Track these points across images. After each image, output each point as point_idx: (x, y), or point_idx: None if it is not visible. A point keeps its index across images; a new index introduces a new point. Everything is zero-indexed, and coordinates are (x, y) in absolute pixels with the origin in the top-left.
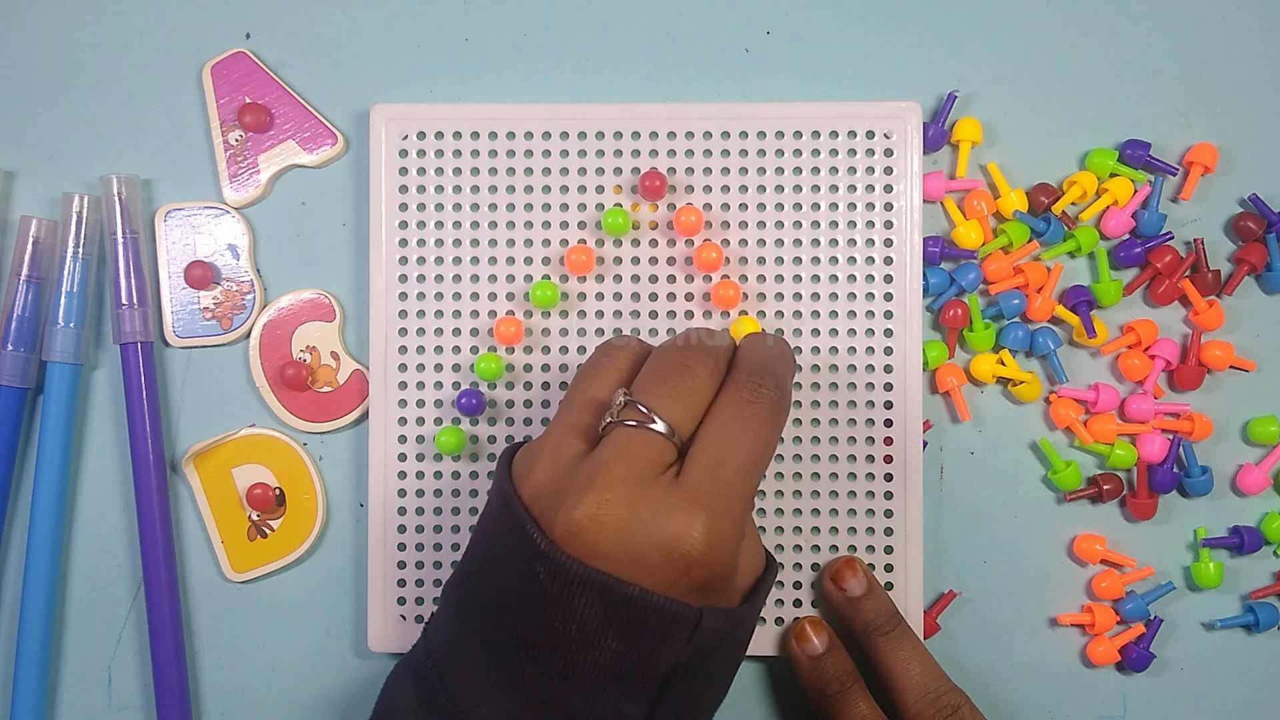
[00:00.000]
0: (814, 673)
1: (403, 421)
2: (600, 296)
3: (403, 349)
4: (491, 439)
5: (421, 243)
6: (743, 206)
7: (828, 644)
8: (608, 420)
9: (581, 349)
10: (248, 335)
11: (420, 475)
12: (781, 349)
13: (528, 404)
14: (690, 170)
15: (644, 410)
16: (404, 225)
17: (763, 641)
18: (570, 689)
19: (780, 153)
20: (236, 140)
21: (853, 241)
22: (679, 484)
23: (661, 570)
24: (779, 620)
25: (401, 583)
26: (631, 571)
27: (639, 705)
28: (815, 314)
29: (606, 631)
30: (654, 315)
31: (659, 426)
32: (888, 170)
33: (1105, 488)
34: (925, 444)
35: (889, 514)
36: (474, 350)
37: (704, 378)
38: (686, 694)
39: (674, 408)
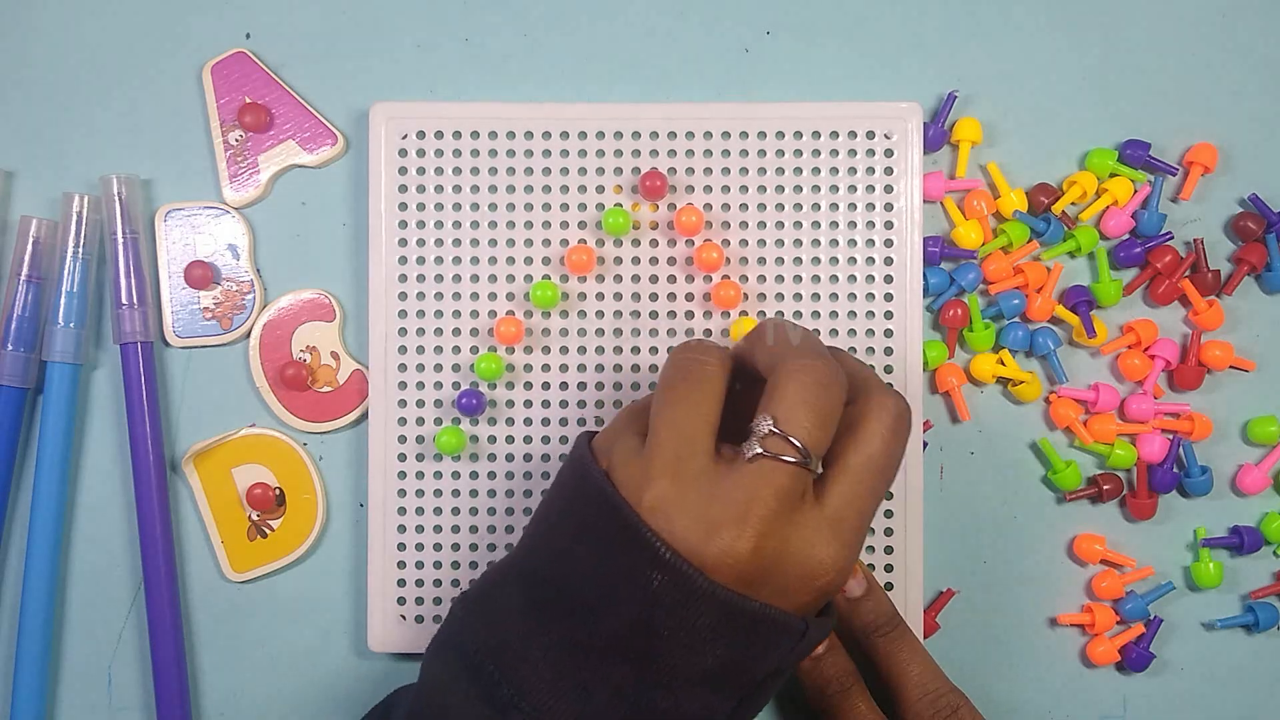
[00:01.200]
0: (814, 673)
1: (403, 422)
2: (600, 297)
3: (403, 349)
4: (491, 439)
5: (421, 243)
6: (743, 207)
7: (827, 644)
8: (755, 451)
9: (582, 349)
10: (248, 335)
11: (420, 475)
12: (817, 340)
13: (528, 404)
14: (691, 170)
15: (791, 441)
16: (404, 225)
17: None
18: (662, 690)
19: (781, 153)
20: (236, 140)
21: (853, 242)
22: (822, 512)
23: (799, 595)
24: None
25: (401, 583)
26: (770, 595)
27: (726, 704)
28: (815, 314)
29: (716, 641)
30: (654, 315)
31: (804, 458)
32: (888, 170)
33: (1105, 488)
34: (925, 444)
35: (889, 514)
36: (474, 350)
37: (838, 400)
38: (768, 693)
39: (816, 435)
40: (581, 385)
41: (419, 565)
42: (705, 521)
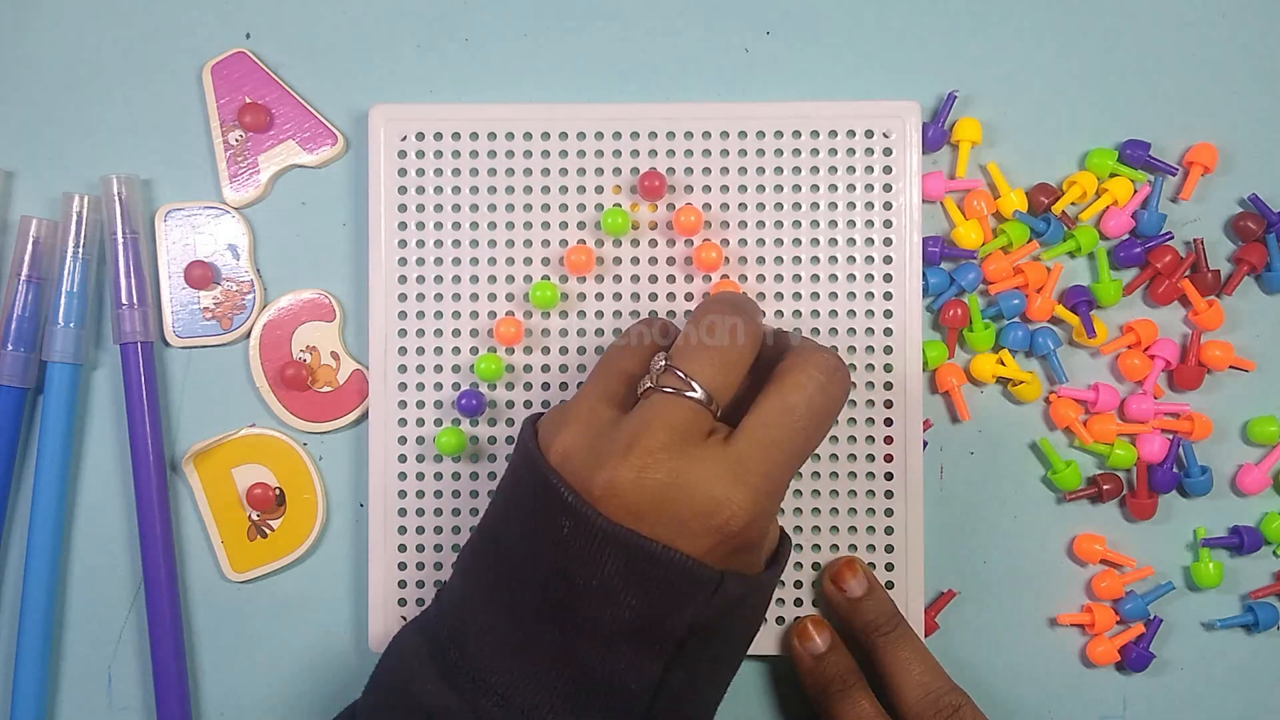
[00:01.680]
0: (816, 672)
1: (403, 422)
2: (600, 297)
3: (403, 349)
4: (491, 440)
5: (421, 243)
6: (742, 206)
7: (830, 643)
8: (646, 385)
9: (581, 349)
10: (248, 335)
11: (420, 475)
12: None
13: (528, 404)
14: (690, 170)
15: (683, 376)
16: (403, 225)
17: (765, 641)
18: (588, 646)
19: (780, 152)
20: (236, 140)
21: (852, 241)
22: (726, 453)
23: (698, 536)
24: (780, 620)
25: (402, 583)
26: (667, 534)
27: (654, 663)
28: (815, 314)
29: (628, 589)
30: (654, 315)
31: (698, 394)
32: (887, 170)
33: (1105, 488)
34: (925, 444)
35: (889, 514)
36: (474, 351)
37: (744, 346)
38: (701, 655)
39: (714, 375)
40: (581, 385)
41: (419, 565)
42: (595, 457)
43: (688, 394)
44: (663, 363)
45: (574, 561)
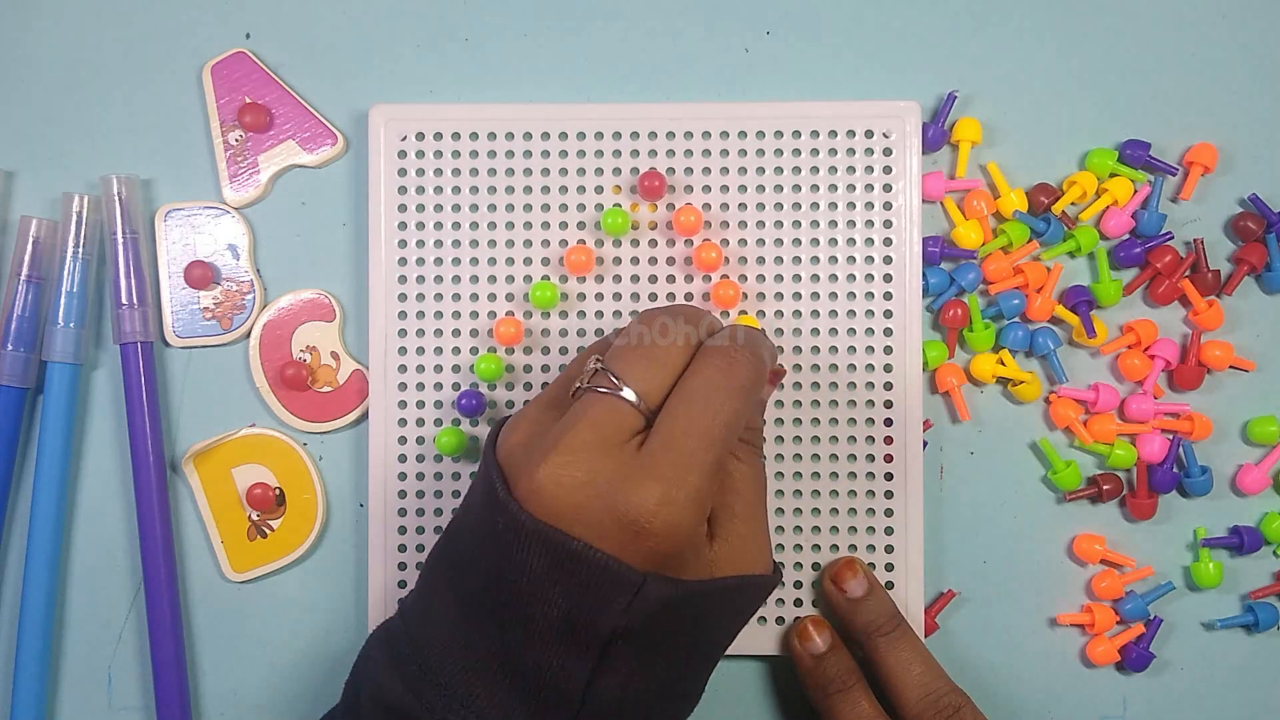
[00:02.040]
0: (816, 672)
1: (403, 422)
2: (600, 297)
3: (403, 349)
4: None
5: (421, 243)
6: (742, 206)
7: (830, 643)
8: (577, 386)
9: (581, 349)
10: (248, 335)
11: (420, 475)
12: (759, 336)
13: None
14: (690, 170)
15: (613, 377)
16: (403, 226)
17: (764, 641)
18: (524, 644)
19: (779, 152)
20: (236, 140)
21: (852, 241)
22: (641, 451)
23: (616, 535)
24: (780, 620)
25: (402, 583)
26: (586, 534)
27: (582, 665)
28: (815, 314)
29: (553, 587)
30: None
31: (626, 394)
32: (887, 170)
33: (1105, 488)
34: (925, 444)
35: (889, 514)
36: (474, 351)
37: (676, 348)
38: (632, 663)
39: (642, 375)
40: None
41: (419, 565)
42: (528, 455)
43: (617, 394)
44: (595, 365)
45: (506, 559)
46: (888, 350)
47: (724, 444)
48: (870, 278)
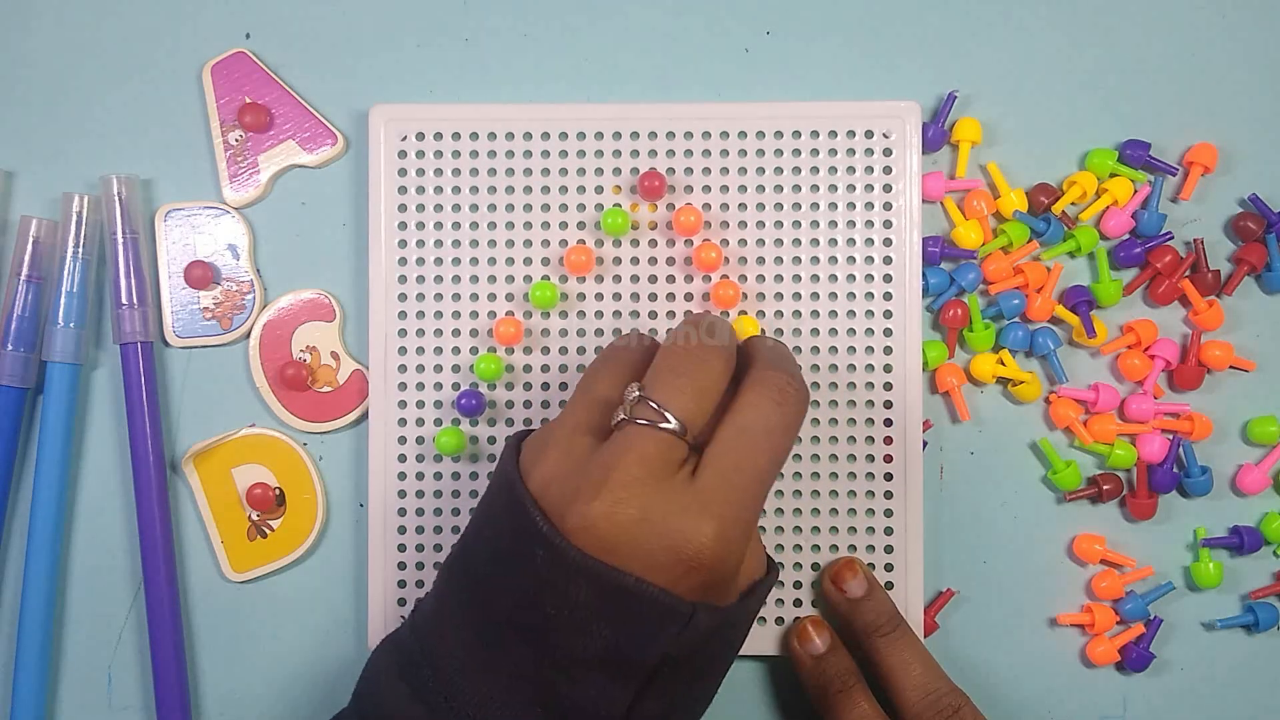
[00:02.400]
0: (816, 672)
1: (403, 422)
2: (600, 297)
3: (402, 349)
4: (491, 440)
5: (421, 243)
6: (742, 206)
7: (829, 643)
8: (620, 417)
9: (581, 349)
10: (248, 335)
11: (420, 475)
12: (787, 351)
13: (527, 405)
14: (690, 170)
15: (656, 408)
16: (403, 226)
17: (764, 641)
18: (558, 672)
19: (779, 153)
20: (236, 140)
21: (852, 241)
22: (693, 485)
23: (669, 569)
24: (779, 620)
25: (402, 583)
26: (640, 568)
27: (624, 694)
28: (815, 314)
29: (599, 620)
30: (654, 315)
31: (671, 424)
32: (887, 170)
33: (1105, 488)
34: (925, 444)
35: (889, 514)
36: (474, 351)
37: (717, 373)
38: (673, 685)
39: (687, 405)
40: (563, 408)
41: (419, 565)
42: (571, 489)
43: (661, 425)
44: (636, 393)
45: (546, 590)
46: (887, 350)
47: (772, 479)
48: (870, 278)
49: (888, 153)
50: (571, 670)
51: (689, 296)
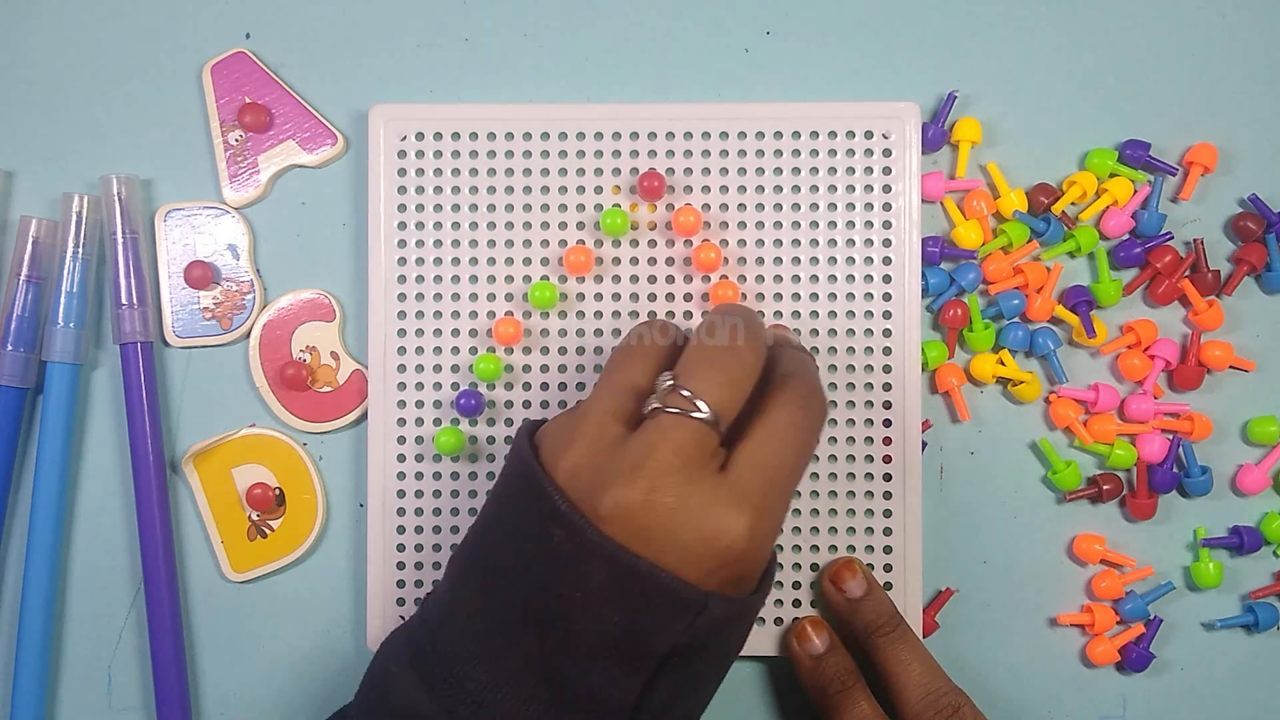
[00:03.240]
0: (815, 672)
1: (402, 422)
2: (599, 297)
3: (402, 349)
4: (491, 440)
5: (421, 243)
6: (741, 207)
7: (829, 643)
8: (653, 405)
9: (580, 349)
10: (248, 335)
11: (420, 475)
12: (811, 362)
13: (527, 405)
14: (689, 171)
15: (688, 397)
16: (403, 226)
17: (763, 641)
18: (567, 658)
19: (779, 153)
20: (236, 140)
21: (851, 242)
22: (727, 478)
23: (702, 561)
24: (779, 620)
25: (401, 583)
26: (674, 559)
27: (634, 681)
28: (814, 314)
29: (612, 603)
30: (653, 316)
31: (705, 414)
32: (886, 170)
33: (1105, 488)
34: (925, 444)
35: (889, 514)
36: (473, 351)
37: (749, 364)
38: (682, 675)
39: (720, 395)
40: (580, 386)
41: (419, 565)
42: (604, 476)
43: (694, 415)
44: (669, 381)
45: (560, 572)
46: (887, 351)
47: (798, 480)
48: (870, 279)
49: (887, 153)
50: (582, 657)
51: (688, 297)
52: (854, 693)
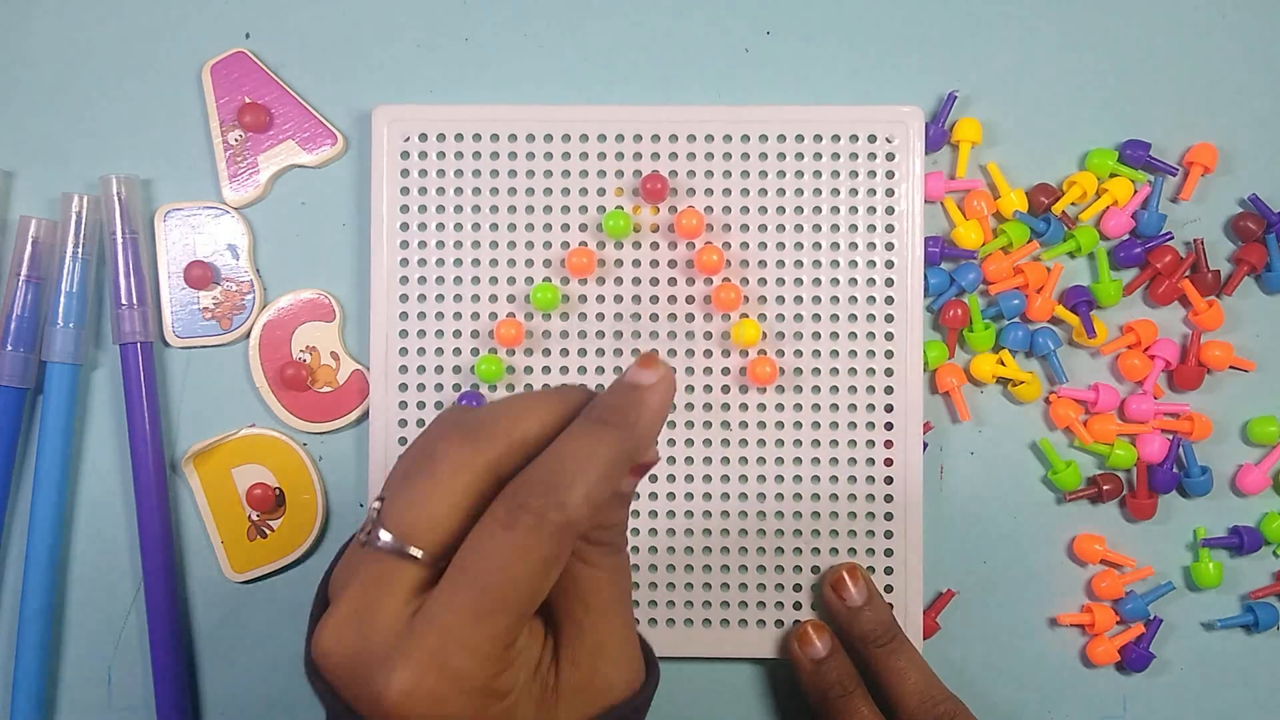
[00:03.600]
0: (816, 676)
1: (403, 423)
2: (601, 299)
3: (403, 350)
4: None
5: (422, 244)
6: (744, 209)
7: (830, 647)
8: (360, 538)
9: (582, 351)
10: (248, 335)
11: None
12: (605, 443)
13: None
14: (691, 173)
15: (376, 521)
16: (405, 226)
17: (763, 644)
18: None
19: (782, 156)
20: (236, 140)
21: (854, 245)
22: (410, 624)
23: (372, 713)
24: (779, 623)
25: None
26: (362, 705)
27: None
28: (816, 316)
29: None
30: (655, 318)
31: (385, 542)
32: (889, 174)
33: (1105, 488)
34: (925, 444)
35: (889, 515)
36: (474, 352)
37: (444, 472)
38: None
39: (403, 515)
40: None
41: None
42: (327, 608)
43: (379, 547)
44: (376, 504)
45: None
46: (888, 353)
47: (509, 611)
48: (872, 281)
49: (890, 157)
50: None
51: (690, 299)
52: (854, 699)
